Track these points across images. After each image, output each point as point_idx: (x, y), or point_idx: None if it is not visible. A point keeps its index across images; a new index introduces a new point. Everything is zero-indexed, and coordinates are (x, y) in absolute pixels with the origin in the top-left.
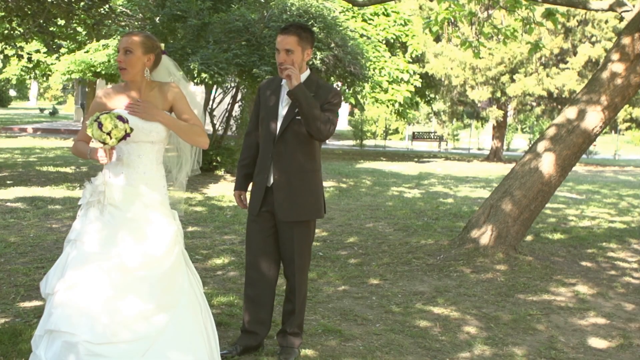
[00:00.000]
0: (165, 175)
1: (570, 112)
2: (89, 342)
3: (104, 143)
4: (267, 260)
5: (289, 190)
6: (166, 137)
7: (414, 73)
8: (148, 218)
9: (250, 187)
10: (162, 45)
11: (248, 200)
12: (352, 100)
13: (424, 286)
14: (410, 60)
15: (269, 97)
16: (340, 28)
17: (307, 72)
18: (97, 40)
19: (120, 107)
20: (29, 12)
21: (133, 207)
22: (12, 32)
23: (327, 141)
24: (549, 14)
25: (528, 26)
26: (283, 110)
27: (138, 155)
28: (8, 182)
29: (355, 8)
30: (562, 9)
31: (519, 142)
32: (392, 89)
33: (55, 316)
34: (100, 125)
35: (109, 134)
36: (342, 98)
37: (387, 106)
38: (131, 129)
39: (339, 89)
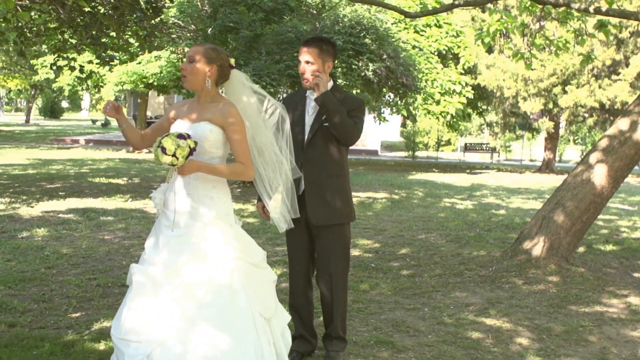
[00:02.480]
0: (271, 182)
1: (622, 124)
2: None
3: (173, 165)
4: (302, 268)
5: (319, 195)
6: (215, 145)
7: (466, 85)
8: (205, 237)
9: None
10: (232, 60)
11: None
12: (404, 112)
13: (476, 297)
14: (463, 72)
15: (295, 108)
16: (393, 39)
17: (331, 84)
18: (149, 52)
19: (179, 115)
20: (82, 24)
21: (195, 229)
22: (64, 43)
23: (379, 152)
24: (601, 26)
25: (580, 38)
26: (310, 119)
27: None
28: (60, 193)
29: (408, 19)
30: (615, 20)
31: (571, 153)
32: (444, 100)
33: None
34: (164, 150)
35: (174, 155)
36: (382, 112)
37: (439, 118)
38: (195, 143)
39: (391, 99)
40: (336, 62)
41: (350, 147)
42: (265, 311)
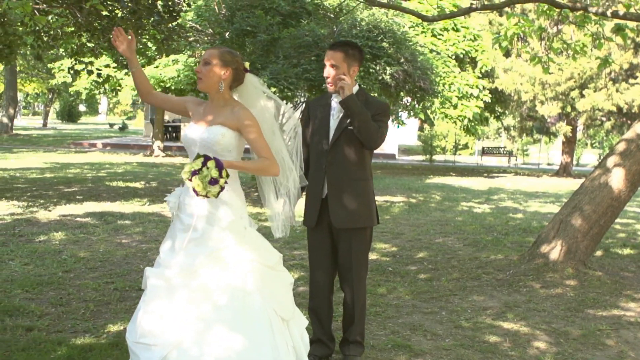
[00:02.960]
0: (279, 188)
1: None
2: None
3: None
4: (324, 271)
5: (342, 198)
6: (227, 148)
7: (484, 88)
8: (221, 239)
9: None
10: (247, 63)
11: (299, 214)
12: (422, 116)
13: (493, 301)
14: (480, 76)
15: (319, 112)
16: (410, 43)
17: (357, 88)
18: (167, 56)
19: (195, 117)
20: (99, 28)
21: (212, 233)
22: (81, 47)
23: (396, 156)
24: (618, 29)
25: (597, 41)
26: (334, 123)
27: None
28: (78, 197)
29: (425, 23)
30: (632, 24)
31: (588, 157)
32: (462, 104)
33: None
34: (196, 192)
35: (206, 195)
36: (399, 116)
37: (456, 122)
38: (227, 175)
39: (408, 103)
40: None
41: None
42: (283, 313)
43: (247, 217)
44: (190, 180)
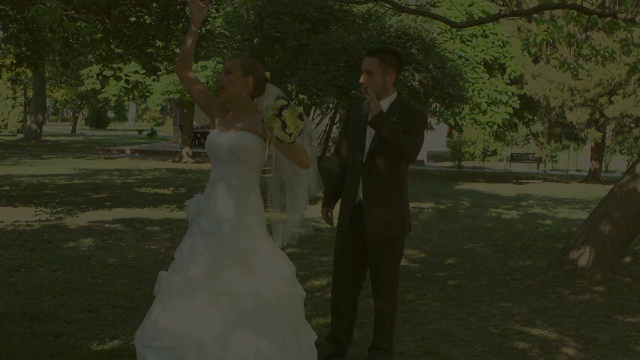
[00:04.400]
0: (288, 195)
1: None
2: None
3: (281, 141)
4: (351, 274)
5: (376, 208)
6: (252, 155)
7: (513, 94)
8: (251, 247)
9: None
10: (268, 73)
11: (335, 217)
12: (451, 122)
13: (522, 307)
14: (509, 82)
15: (359, 117)
16: (439, 49)
17: (394, 95)
18: (195, 62)
19: (223, 123)
20: (127, 34)
21: (240, 239)
22: (110, 53)
23: (425, 162)
24: None
25: (626, 47)
26: (370, 132)
27: (235, 176)
28: (107, 203)
29: (454, 29)
30: None
31: (617, 163)
32: (491, 110)
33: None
34: (284, 127)
35: (290, 134)
36: (429, 121)
37: (485, 128)
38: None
39: (437, 109)
40: None
41: None
42: (294, 325)
43: (264, 226)
44: (279, 115)
